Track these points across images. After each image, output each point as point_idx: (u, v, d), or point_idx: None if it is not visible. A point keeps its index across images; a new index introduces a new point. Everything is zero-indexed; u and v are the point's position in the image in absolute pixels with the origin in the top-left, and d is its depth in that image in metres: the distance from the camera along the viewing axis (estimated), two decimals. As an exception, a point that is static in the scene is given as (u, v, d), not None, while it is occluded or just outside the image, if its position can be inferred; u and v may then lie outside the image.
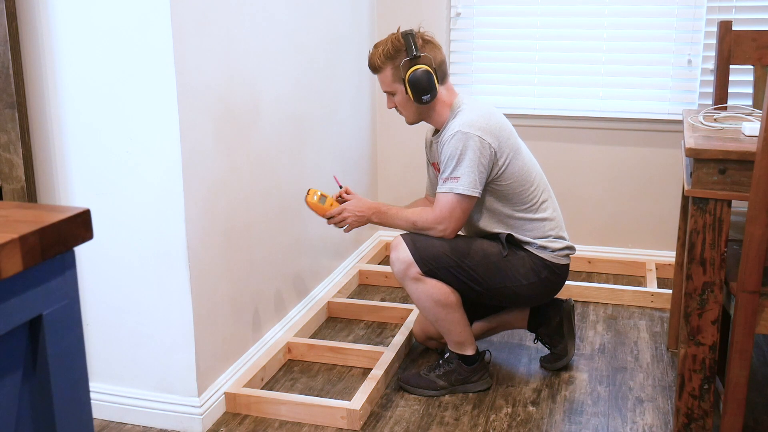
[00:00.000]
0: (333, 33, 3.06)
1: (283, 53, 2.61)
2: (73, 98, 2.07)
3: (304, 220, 2.81)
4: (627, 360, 2.64)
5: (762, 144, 1.70)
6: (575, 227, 3.55)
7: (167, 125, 2.02)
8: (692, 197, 1.87)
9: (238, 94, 2.32)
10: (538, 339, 2.62)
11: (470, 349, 2.43)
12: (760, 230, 1.76)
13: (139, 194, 2.09)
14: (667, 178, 3.40)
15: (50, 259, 0.88)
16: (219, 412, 2.29)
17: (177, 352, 2.18)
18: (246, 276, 2.45)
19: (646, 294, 3.10)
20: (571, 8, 3.38)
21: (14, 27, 2.00)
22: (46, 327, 0.88)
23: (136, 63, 2.00)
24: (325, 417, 2.24)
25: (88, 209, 0.93)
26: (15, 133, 2.05)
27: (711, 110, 2.39)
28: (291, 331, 2.71)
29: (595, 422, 2.26)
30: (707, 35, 3.24)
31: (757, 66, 2.54)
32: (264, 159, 2.52)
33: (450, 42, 3.55)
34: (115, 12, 1.98)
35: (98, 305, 2.21)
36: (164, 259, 2.12)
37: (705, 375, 1.95)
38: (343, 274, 3.29)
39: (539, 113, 3.50)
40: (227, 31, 2.24)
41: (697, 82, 3.30)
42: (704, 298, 1.90)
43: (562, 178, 3.53)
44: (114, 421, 2.26)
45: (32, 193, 2.11)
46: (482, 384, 2.44)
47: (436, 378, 2.42)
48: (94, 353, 2.25)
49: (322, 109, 2.99)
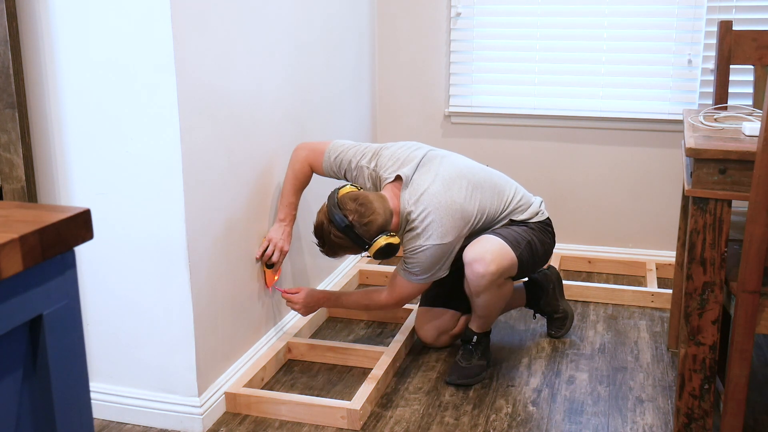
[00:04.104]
0: (333, 33, 3.06)
1: (283, 53, 2.61)
2: (73, 98, 2.07)
3: (304, 220, 2.81)
4: (627, 360, 2.64)
5: (762, 144, 1.70)
6: (575, 227, 3.55)
7: (167, 125, 2.02)
8: (692, 197, 1.87)
9: (238, 94, 2.32)
10: (537, 313, 2.81)
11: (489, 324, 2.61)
12: (760, 230, 1.76)
13: (139, 194, 2.09)
14: (667, 178, 3.40)
15: (50, 259, 0.88)
16: (219, 412, 2.29)
17: (177, 352, 2.18)
18: (246, 276, 2.45)
19: (646, 294, 3.10)
20: (571, 8, 3.38)
21: (14, 27, 2.00)
22: (46, 327, 0.88)
23: (136, 63, 2.00)
24: (325, 417, 2.24)
25: (88, 209, 0.92)
26: (15, 133, 2.05)
27: (711, 110, 2.39)
28: (291, 331, 2.71)
29: (595, 422, 2.26)
30: (707, 35, 3.24)
31: (757, 66, 2.54)
32: (264, 159, 2.52)
33: (450, 42, 3.55)
34: (115, 12, 1.98)
35: (98, 305, 2.21)
36: (164, 259, 2.12)
37: (705, 375, 1.95)
38: (343, 274, 3.29)
39: (539, 113, 3.50)
40: (227, 31, 2.23)
41: (698, 82, 3.30)
42: (704, 298, 1.90)
43: (562, 178, 3.53)
44: (114, 421, 2.26)
45: (32, 193, 2.11)
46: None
47: (479, 361, 2.52)
48: (94, 353, 2.25)
49: (322, 108, 2.99)
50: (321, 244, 2.40)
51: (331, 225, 2.30)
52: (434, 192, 2.36)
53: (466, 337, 2.56)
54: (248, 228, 2.44)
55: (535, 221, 2.54)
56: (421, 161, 2.44)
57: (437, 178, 2.39)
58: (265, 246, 2.50)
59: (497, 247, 2.37)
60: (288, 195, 2.55)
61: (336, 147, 2.55)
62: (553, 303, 2.78)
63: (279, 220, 2.56)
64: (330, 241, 2.34)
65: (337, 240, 2.32)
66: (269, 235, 2.52)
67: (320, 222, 2.35)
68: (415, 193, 2.37)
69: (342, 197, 2.32)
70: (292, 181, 2.55)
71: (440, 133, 3.63)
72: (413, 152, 2.47)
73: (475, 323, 2.54)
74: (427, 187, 2.37)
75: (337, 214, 2.28)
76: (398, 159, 2.45)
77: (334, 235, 2.31)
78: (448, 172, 2.42)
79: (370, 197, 2.31)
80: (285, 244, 2.53)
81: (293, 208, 2.57)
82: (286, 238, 2.54)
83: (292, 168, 2.56)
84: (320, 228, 2.36)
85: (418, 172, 2.41)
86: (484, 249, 2.36)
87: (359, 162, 2.50)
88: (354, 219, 2.28)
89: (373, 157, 2.49)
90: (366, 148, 2.53)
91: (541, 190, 3.33)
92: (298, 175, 2.55)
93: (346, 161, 2.52)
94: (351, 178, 2.54)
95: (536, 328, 2.89)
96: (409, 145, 2.52)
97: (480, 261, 2.34)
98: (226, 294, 2.33)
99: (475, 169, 2.50)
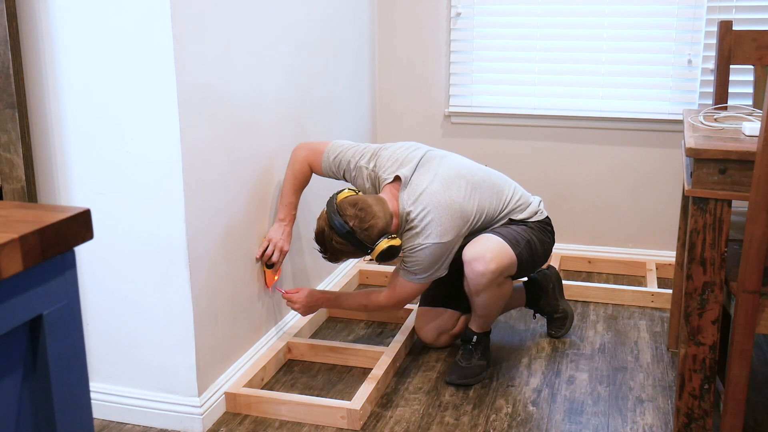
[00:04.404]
0: (333, 33, 3.06)
1: (283, 53, 2.61)
2: (73, 98, 2.07)
3: (304, 220, 2.82)
4: (627, 360, 2.64)
5: (762, 144, 1.70)
6: (575, 227, 3.55)
7: (167, 125, 2.02)
8: (692, 197, 1.87)
9: (238, 94, 2.32)
10: (537, 313, 2.82)
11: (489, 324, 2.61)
12: (760, 230, 1.76)
13: (139, 194, 2.09)
14: (667, 178, 3.40)
15: (50, 259, 0.88)
16: (219, 412, 2.29)
17: (177, 352, 2.18)
18: (246, 276, 2.45)
19: (646, 294, 3.10)
20: (571, 8, 3.38)
21: (14, 27, 2.00)
22: (46, 327, 0.88)
23: (136, 63, 2.00)
24: (325, 417, 2.24)
25: (88, 209, 0.92)
26: (15, 133, 2.05)
27: (711, 110, 2.39)
28: (291, 331, 2.71)
29: (595, 422, 2.26)
30: (707, 35, 3.24)
31: (757, 66, 2.54)
32: (264, 158, 2.52)
33: (450, 42, 3.55)
34: (115, 12, 1.98)
35: (98, 305, 2.21)
36: (164, 259, 2.12)
37: (705, 375, 1.95)
38: (344, 274, 3.29)
39: (539, 113, 3.50)
40: (227, 31, 2.23)
41: (698, 82, 3.30)
42: (704, 298, 1.90)
43: (562, 178, 3.53)
44: (114, 421, 2.25)
45: (32, 193, 2.11)
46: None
47: (479, 361, 2.52)
48: (94, 353, 2.25)
49: (321, 108, 2.99)
50: (323, 251, 2.40)
51: (332, 232, 2.30)
52: (433, 191, 2.36)
53: (466, 337, 2.56)
54: (248, 228, 2.44)
55: (534, 220, 2.54)
56: (420, 162, 2.44)
57: (436, 178, 2.39)
58: (265, 246, 2.51)
59: (497, 245, 2.37)
60: (288, 195, 2.55)
61: (335, 147, 2.55)
62: (553, 303, 2.79)
63: (279, 220, 2.56)
64: (332, 248, 2.34)
65: (339, 246, 2.32)
66: (269, 235, 2.52)
67: (321, 229, 2.35)
68: (414, 193, 2.37)
69: (341, 203, 2.31)
70: (291, 181, 2.55)
71: (440, 133, 3.63)
72: (412, 153, 2.47)
73: (475, 323, 2.54)
74: (426, 187, 2.37)
75: (338, 221, 2.28)
76: (397, 159, 2.45)
77: (335, 241, 2.31)
78: (447, 172, 2.42)
79: (369, 201, 2.31)
80: (285, 244, 2.53)
81: (293, 208, 2.57)
82: (286, 238, 2.54)
83: (291, 168, 2.56)
84: (321, 235, 2.35)
85: (416, 172, 2.41)
86: (483, 248, 2.36)
87: (358, 162, 2.50)
88: (355, 224, 2.28)
89: (371, 157, 2.49)
90: (365, 148, 2.53)
91: (540, 190, 3.33)
92: (298, 175, 2.55)
93: (345, 162, 2.52)
94: (350, 178, 2.54)
95: (536, 328, 2.89)
96: (408, 145, 2.52)
97: (480, 259, 2.34)
98: (226, 294, 2.33)
99: (473, 169, 2.50)
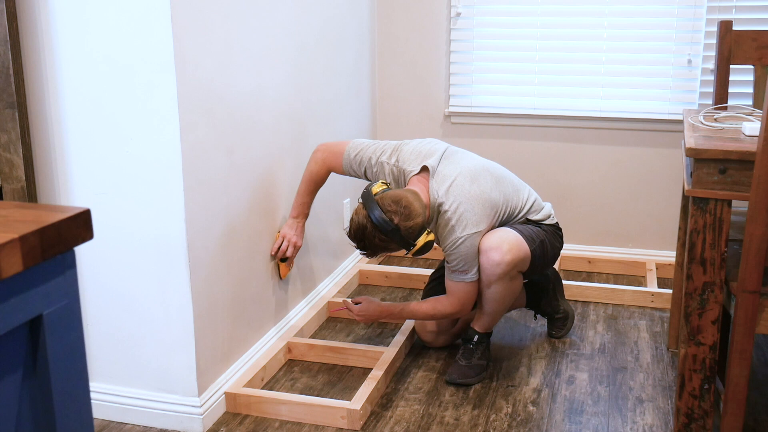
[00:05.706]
0: (333, 33, 3.06)
1: (283, 53, 2.61)
2: (73, 98, 2.07)
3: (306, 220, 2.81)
4: (627, 360, 2.64)
5: (762, 144, 1.70)
6: (575, 227, 3.55)
7: (167, 125, 2.02)
8: (692, 197, 1.87)
9: (238, 93, 2.32)
10: (538, 314, 2.83)
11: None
12: (760, 230, 1.76)
13: (139, 194, 2.09)
14: (667, 178, 3.40)
15: (50, 259, 0.88)
16: (219, 412, 2.29)
17: (177, 352, 2.18)
18: (246, 276, 2.45)
19: (646, 294, 3.10)
20: (571, 8, 3.38)
21: (14, 27, 2.00)
22: (46, 327, 0.88)
23: (136, 63, 2.00)
24: (325, 417, 2.24)
25: (88, 209, 0.92)
26: (15, 133, 2.05)
27: (711, 110, 2.39)
28: (291, 331, 2.71)
29: (595, 422, 2.26)
30: (707, 35, 3.24)
31: (757, 66, 2.54)
32: (264, 159, 2.52)
33: (450, 42, 3.55)
34: (115, 12, 1.98)
35: (98, 305, 2.21)
36: (164, 259, 2.12)
37: (705, 375, 1.95)
38: (344, 274, 3.29)
39: (540, 113, 3.50)
40: (227, 30, 2.23)
41: (698, 82, 3.30)
42: (704, 298, 1.90)
43: (562, 178, 3.53)
44: (114, 421, 2.26)
45: (32, 193, 2.11)
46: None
47: (479, 361, 2.53)
48: (94, 353, 2.25)
49: (321, 108, 2.99)
50: (362, 247, 2.35)
51: (376, 229, 2.27)
52: (461, 183, 2.39)
53: (466, 337, 2.56)
54: (248, 228, 2.44)
55: (547, 224, 2.59)
56: (443, 154, 2.48)
57: (463, 170, 2.42)
58: (280, 242, 2.60)
59: (514, 238, 2.41)
60: (302, 194, 2.65)
61: (356, 145, 2.60)
62: (553, 303, 2.80)
63: (292, 217, 2.65)
64: (373, 245, 2.31)
65: (382, 243, 2.30)
66: (283, 232, 2.62)
67: (362, 225, 2.29)
68: (444, 182, 2.39)
69: (382, 199, 2.28)
70: (307, 181, 2.65)
71: (440, 133, 3.63)
72: (434, 146, 2.52)
73: (479, 322, 2.54)
74: (455, 178, 2.39)
75: (381, 218, 2.25)
76: (420, 153, 2.48)
77: (378, 238, 2.29)
78: (472, 164, 2.46)
79: (409, 198, 2.30)
80: (298, 239, 2.64)
81: (306, 207, 2.67)
82: (299, 233, 2.64)
83: (309, 169, 2.64)
84: (361, 232, 2.30)
85: (442, 163, 2.44)
86: (501, 239, 2.39)
87: (379, 158, 2.53)
88: (399, 221, 2.26)
89: (393, 153, 2.52)
90: (385, 145, 2.57)
91: (541, 189, 3.33)
92: (314, 177, 2.64)
93: (366, 159, 2.55)
94: (371, 174, 2.56)
95: (536, 328, 2.89)
96: (429, 140, 2.57)
97: (497, 249, 2.36)
98: (226, 294, 2.33)
99: (494, 165, 2.56)
